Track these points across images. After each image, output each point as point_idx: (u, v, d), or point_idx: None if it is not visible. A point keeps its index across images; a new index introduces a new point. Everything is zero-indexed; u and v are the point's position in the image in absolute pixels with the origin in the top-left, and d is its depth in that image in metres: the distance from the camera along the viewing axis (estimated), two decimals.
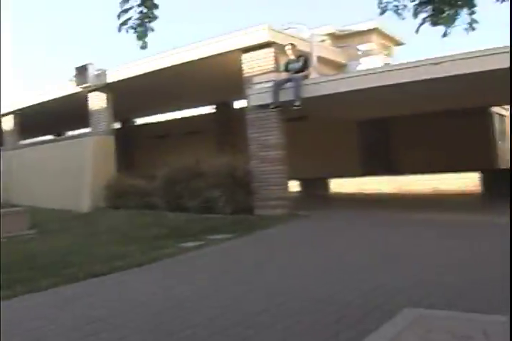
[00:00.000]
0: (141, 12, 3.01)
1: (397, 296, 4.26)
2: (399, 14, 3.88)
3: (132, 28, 3.08)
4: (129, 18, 3.05)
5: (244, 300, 4.49)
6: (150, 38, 3.31)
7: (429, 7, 3.46)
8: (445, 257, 5.83)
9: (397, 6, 3.86)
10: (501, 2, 3.40)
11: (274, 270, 5.82)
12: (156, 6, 3.01)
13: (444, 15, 3.39)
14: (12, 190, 17.46)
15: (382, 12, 3.92)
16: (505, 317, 2.91)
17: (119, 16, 3.03)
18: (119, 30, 3.09)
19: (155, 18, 3.05)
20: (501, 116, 16.92)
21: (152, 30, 3.12)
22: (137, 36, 3.12)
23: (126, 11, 3.00)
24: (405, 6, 3.84)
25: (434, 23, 3.49)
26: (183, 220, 10.44)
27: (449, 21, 3.43)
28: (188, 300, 4.61)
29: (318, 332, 3.50)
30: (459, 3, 3.33)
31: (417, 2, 3.50)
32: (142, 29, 3.07)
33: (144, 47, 3.21)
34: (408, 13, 3.86)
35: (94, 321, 4.07)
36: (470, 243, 6.61)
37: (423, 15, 3.56)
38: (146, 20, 3.03)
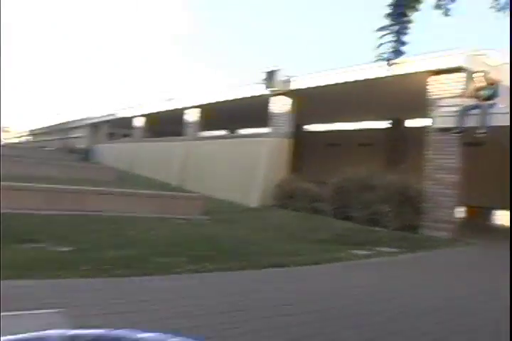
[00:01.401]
0: (393, 47, 3.52)
1: None
2: None
3: (383, 59, 3.61)
4: (384, 53, 3.59)
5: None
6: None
7: None
8: None
9: None
10: None
11: (458, 289, 5.97)
12: (404, 43, 3.51)
13: None
14: (186, 177, 19.09)
15: None
16: None
17: (378, 47, 3.59)
18: (375, 61, 3.64)
19: (401, 54, 3.56)
20: None
21: (395, 63, 3.64)
22: (387, 66, 3.65)
23: (380, 45, 3.54)
24: None
25: None
26: (348, 229, 10.89)
27: None
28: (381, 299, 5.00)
29: None
30: None
31: None
32: (391, 61, 3.60)
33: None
34: None
35: (281, 304, 4.55)
36: None
37: None
38: (395, 55, 3.55)
